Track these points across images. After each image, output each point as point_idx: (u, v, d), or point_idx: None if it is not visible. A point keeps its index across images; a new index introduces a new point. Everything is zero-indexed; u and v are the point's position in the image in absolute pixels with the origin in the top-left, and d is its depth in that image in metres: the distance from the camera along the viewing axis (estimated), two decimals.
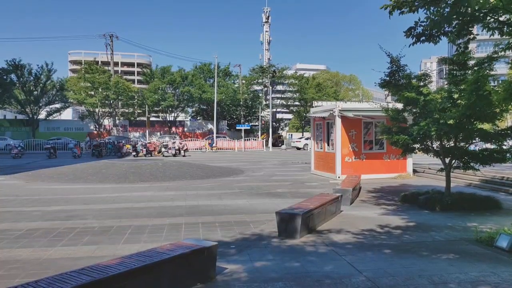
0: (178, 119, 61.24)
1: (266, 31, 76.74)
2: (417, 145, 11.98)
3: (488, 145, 11.67)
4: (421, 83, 11.32)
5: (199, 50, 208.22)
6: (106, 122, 55.08)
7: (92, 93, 51.96)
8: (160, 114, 63.45)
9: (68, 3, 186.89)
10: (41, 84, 50.80)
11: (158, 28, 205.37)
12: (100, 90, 51.52)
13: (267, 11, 76.43)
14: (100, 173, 18.43)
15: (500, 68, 20.02)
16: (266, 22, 76.51)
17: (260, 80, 63.78)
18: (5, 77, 47.16)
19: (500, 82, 11.84)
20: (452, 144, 11.36)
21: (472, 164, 11.17)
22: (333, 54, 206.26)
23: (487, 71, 10.51)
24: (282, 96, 70.77)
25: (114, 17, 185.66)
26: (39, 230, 8.21)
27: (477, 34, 8.53)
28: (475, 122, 10.38)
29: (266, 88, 62.43)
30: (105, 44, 55.14)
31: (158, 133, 55.37)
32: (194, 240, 5.58)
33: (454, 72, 11.49)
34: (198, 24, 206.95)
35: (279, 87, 70.84)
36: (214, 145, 46.32)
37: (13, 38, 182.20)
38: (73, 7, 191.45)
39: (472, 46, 12.08)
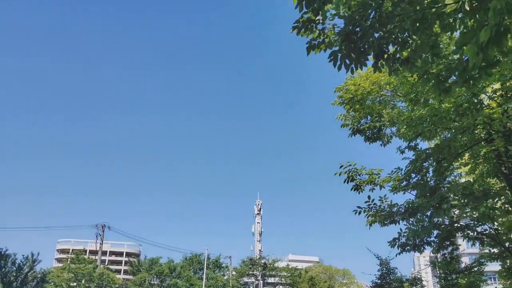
0: None
1: (258, 222, 78.11)
2: None
3: None
4: None
5: (190, 241, 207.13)
6: None
7: (74, 284, 49.38)
8: None
9: (62, 191, 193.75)
10: (22, 276, 48.76)
11: (150, 219, 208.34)
12: (83, 281, 49.14)
13: (259, 204, 79.33)
14: None
15: (492, 265, 19.85)
16: (258, 214, 78.61)
17: (251, 272, 61.76)
18: None
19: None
20: None
21: None
22: (326, 245, 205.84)
23: (478, 275, 10.48)
24: None
25: (108, 206, 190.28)
26: None
27: (459, 245, 8.82)
28: None
29: (257, 281, 59.98)
30: (96, 234, 55.17)
31: None
32: None
33: (446, 276, 11.41)
34: (192, 217, 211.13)
35: (271, 279, 68.11)
36: None
37: (5, 227, 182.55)
38: (65, 195, 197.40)
39: (463, 246, 12.22)
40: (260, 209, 78.89)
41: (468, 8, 4.32)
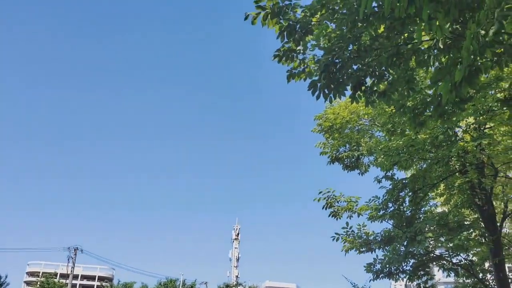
0: None
1: (235, 247, 77.08)
2: None
3: None
4: None
5: (165, 266, 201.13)
6: None
7: None
8: None
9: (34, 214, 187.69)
10: None
11: (124, 242, 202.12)
12: None
13: (237, 229, 78.48)
14: None
15: None
16: (235, 239, 77.64)
17: None
18: None
19: None
20: None
21: None
22: (304, 271, 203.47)
23: None
24: None
25: (81, 228, 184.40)
26: None
27: (434, 275, 8.87)
28: None
29: None
30: (68, 257, 53.25)
31: None
32: None
33: None
34: (168, 241, 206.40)
35: None
36: None
37: None
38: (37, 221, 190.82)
39: (439, 275, 12.23)
40: (238, 234, 77.92)
41: (442, 46, 4.49)
